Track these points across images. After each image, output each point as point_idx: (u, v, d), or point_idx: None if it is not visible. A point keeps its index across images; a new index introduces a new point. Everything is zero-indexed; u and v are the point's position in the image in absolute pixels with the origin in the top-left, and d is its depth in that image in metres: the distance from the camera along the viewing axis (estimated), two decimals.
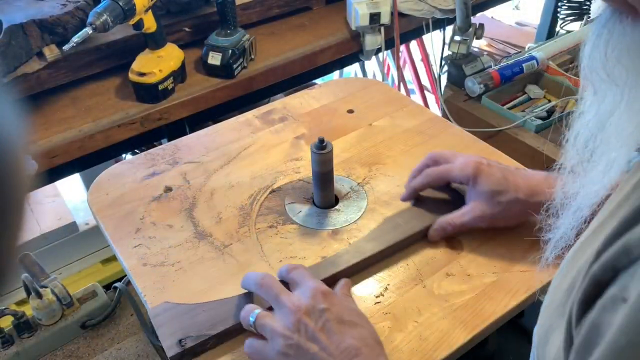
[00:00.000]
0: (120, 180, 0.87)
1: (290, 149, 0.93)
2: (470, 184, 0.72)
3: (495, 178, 0.70)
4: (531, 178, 0.70)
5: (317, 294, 0.58)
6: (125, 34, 1.22)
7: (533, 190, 0.68)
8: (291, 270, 0.63)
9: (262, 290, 0.61)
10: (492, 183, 0.70)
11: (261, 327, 0.58)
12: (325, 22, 1.47)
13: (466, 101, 1.51)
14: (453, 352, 0.62)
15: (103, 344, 0.84)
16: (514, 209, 0.70)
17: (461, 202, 0.75)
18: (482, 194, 0.71)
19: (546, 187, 0.65)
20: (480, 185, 0.71)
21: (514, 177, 0.71)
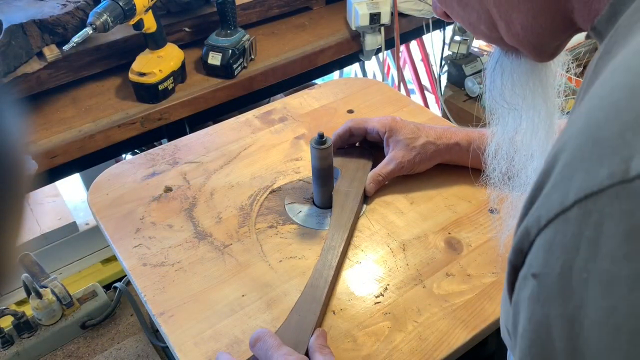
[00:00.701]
0: (120, 181, 0.87)
1: (290, 149, 0.93)
2: (387, 135, 0.84)
3: (408, 128, 0.83)
4: (436, 128, 0.85)
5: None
6: (125, 34, 1.22)
7: (439, 136, 0.83)
8: (255, 344, 0.59)
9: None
10: (407, 132, 0.83)
11: None
12: (325, 22, 1.47)
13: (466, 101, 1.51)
14: (453, 352, 0.62)
15: (103, 344, 0.84)
16: (428, 151, 0.82)
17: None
18: (399, 142, 0.83)
19: (447, 134, 0.83)
20: (397, 134, 0.83)
21: (423, 127, 0.84)
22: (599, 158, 0.26)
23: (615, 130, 0.26)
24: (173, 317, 0.66)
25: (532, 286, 0.29)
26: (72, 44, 1.00)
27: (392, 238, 0.76)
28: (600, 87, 0.29)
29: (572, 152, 0.28)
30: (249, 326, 0.65)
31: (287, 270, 0.72)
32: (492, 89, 0.53)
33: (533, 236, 0.29)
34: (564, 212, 0.27)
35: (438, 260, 0.72)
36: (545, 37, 0.42)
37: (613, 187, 0.25)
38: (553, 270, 0.27)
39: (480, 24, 0.44)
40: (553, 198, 0.28)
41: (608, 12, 0.35)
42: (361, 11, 1.34)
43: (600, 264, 0.25)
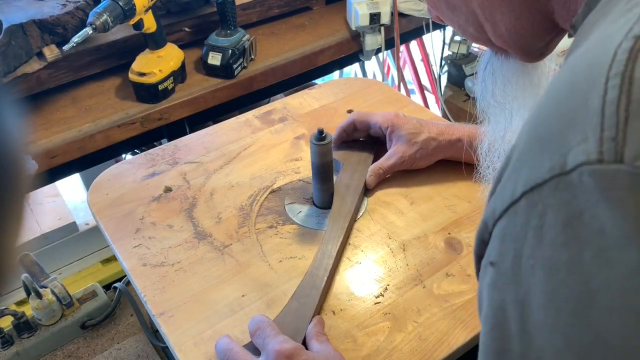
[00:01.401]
0: (120, 181, 0.87)
1: (290, 149, 0.93)
2: (390, 130, 0.85)
3: (411, 124, 0.84)
4: (438, 124, 0.86)
5: (280, 358, 0.55)
6: (125, 34, 1.22)
7: (441, 132, 0.84)
8: (254, 333, 0.60)
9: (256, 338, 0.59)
10: (409, 127, 0.84)
11: None
12: (325, 22, 1.47)
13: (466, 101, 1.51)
14: (453, 353, 0.62)
15: (103, 344, 0.84)
16: (429, 147, 0.83)
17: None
18: (401, 137, 0.83)
19: (450, 130, 0.84)
20: (399, 130, 0.84)
21: (426, 123, 0.85)
22: (542, 152, 0.28)
23: (557, 127, 0.27)
24: (173, 317, 0.66)
25: (490, 274, 0.31)
26: (72, 44, 1.00)
27: (392, 238, 0.76)
28: (550, 84, 0.31)
29: (522, 148, 0.30)
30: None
31: (287, 270, 0.72)
32: (484, 89, 0.54)
33: (490, 227, 0.31)
34: (514, 204, 0.29)
35: (438, 260, 0.72)
36: (529, 38, 0.43)
37: (553, 179, 0.26)
38: (507, 258, 0.29)
39: (469, 26, 0.46)
40: (505, 191, 0.30)
41: (583, 11, 0.36)
42: (361, 11, 1.34)
43: (543, 251, 0.27)
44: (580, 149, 0.25)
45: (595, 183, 0.24)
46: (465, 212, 0.79)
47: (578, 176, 0.25)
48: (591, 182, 0.25)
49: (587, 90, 0.27)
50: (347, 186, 0.81)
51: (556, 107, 0.28)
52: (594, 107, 0.26)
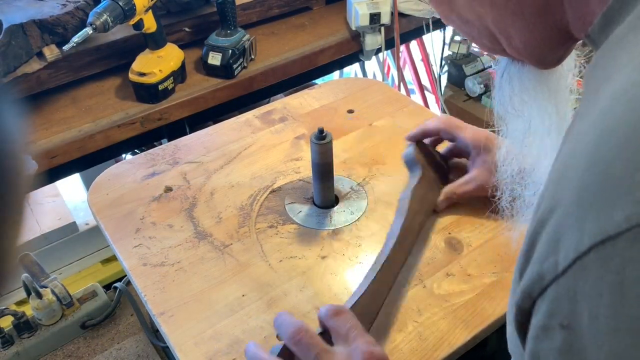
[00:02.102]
0: (120, 181, 0.87)
1: (290, 149, 0.93)
2: (477, 151, 0.77)
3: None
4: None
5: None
6: (125, 34, 1.22)
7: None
8: (334, 316, 0.54)
9: (298, 348, 0.51)
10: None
11: None
12: (325, 22, 1.47)
13: (466, 101, 1.51)
14: (453, 352, 0.62)
15: (103, 344, 0.84)
16: None
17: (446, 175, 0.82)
18: (488, 163, 0.76)
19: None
20: (489, 154, 0.76)
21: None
22: (611, 200, 0.25)
23: (625, 170, 0.25)
24: (173, 317, 0.66)
25: (560, 338, 0.28)
26: (72, 44, 1.00)
27: None
28: (602, 118, 0.28)
29: (580, 192, 0.27)
30: (249, 326, 0.65)
31: (287, 270, 0.72)
32: (501, 96, 0.53)
33: (547, 282, 0.28)
34: (581, 258, 0.26)
35: (438, 260, 0.72)
36: (544, 49, 0.42)
37: (631, 230, 0.24)
38: (581, 319, 0.26)
39: (482, 38, 0.45)
40: (567, 243, 0.27)
41: (600, 22, 0.35)
42: (361, 11, 1.34)
43: (627, 310, 0.24)
44: None
45: None
46: (465, 212, 0.79)
47: None
48: None
49: None
50: (421, 200, 0.76)
51: (623, 146, 0.26)
52: None
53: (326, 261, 0.73)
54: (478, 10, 0.42)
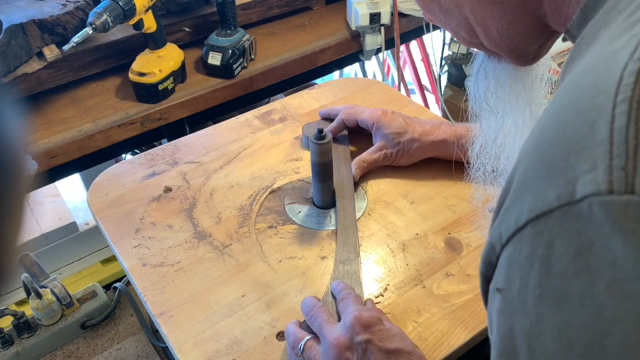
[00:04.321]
0: (120, 181, 0.87)
1: (290, 149, 0.93)
2: (375, 127, 0.87)
3: (397, 123, 0.85)
4: (425, 123, 0.86)
5: (356, 325, 0.55)
6: (125, 34, 1.22)
7: (425, 132, 0.85)
8: (340, 291, 0.64)
9: (309, 320, 0.61)
10: (394, 126, 0.85)
11: (307, 358, 0.58)
12: (325, 22, 1.47)
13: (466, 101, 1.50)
14: (453, 353, 0.62)
15: (103, 344, 0.84)
16: (411, 147, 0.84)
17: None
18: (385, 136, 0.85)
19: (435, 131, 0.84)
20: (384, 128, 0.85)
21: (412, 122, 0.86)
22: (547, 179, 0.27)
23: (562, 152, 0.27)
24: (173, 317, 0.66)
25: (498, 300, 0.31)
26: (72, 44, 1.00)
27: (392, 238, 0.76)
28: (552, 103, 0.30)
29: (525, 171, 0.29)
30: (248, 326, 0.65)
31: (287, 270, 0.72)
32: (476, 92, 0.54)
33: (498, 251, 0.30)
34: (519, 231, 0.28)
35: (438, 260, 0.72)
36: (522, 41, 0.43)
37: (561, 208, 0.26)
38: (513, 285, 0.29)
39: (461, 29, 0.46)
40: (510, 216, 0.29)
41: (578, 17, 0.36)
42: (361, 11, 1.34)
43: (552, 281, 0.26)
44: (589, 177, 0.25)
45: (606, 214, 0.24)
46: (465, 212, 0.79)
47: (588, 207, 0.25)
48: (602, 213, 0.24)
49: (593, 116, 0.26)
50: (340, 180, 0.83)
51: (560, 130, 0.28)
52: (601, 134, 0.25)
53: (326, 261, 0.73)
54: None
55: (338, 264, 0.71)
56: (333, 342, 0.55)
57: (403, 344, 0.55)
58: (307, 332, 0.60)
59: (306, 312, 0.62)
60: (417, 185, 0.84)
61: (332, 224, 0.78)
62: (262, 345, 0.63)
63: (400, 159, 0.85)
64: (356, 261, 0.71)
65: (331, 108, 0.96)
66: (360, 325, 0.55)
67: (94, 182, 0.88)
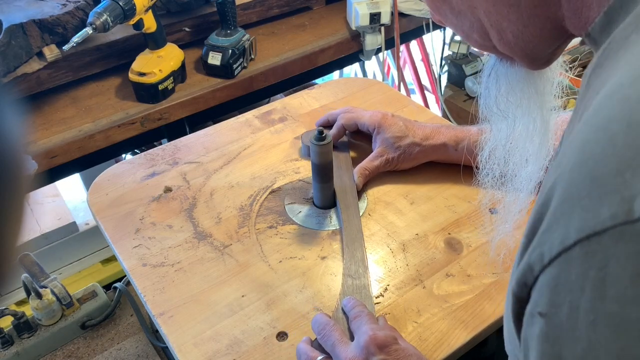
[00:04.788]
0: (120, 181, 0.87)
1: (290, 149, 0.93)
2: (376, 131, 0.86)
3: (397, 127, 0.84)
4: (425, 127, 0.85)
5: (371, 345, 0.54)
6: (125, 34, 1.22)
7: (426, 136, 0.84)
8: (352, 308, 0.62)
9: (322, 339, 0.59)
10: (395, 130, 0.84)
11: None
12: (325, 22, 1.47)
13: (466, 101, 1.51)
14: (453, 353, 0.62)
15: (103, 344, 0.84)
16: (412, 152, 0.84)
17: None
18: (385, 140, 0.84)
19: (435, 135, 0.84)
20: (384, 132, 0.85)
21: (412, 126, 0.85)
22: (598, 196, 0.25)
23: (614, 167, 0.25)
24: (173, 317, 0.66)
25: (540, 325, 0.29)
26: (72, 43, 1.00)
27: (392, 238, 0.76)
28: (595, 115, 0.29)
29: (569, 188, 0.28)
30: (248, 326, 0.65)
31: (287, 270, 0.72)
32: (487, 96, 0.53)
33: (537, 272, 0.29)
34: (567, 251, 0.27)
35: (438, 260, 0.72)
36: (537, 44, 0.42)
37: (616, 227, 0.24)
38: (560, 310, 0.27)
39: (473, 32, 0.44)
40: (554, 235, 0.28)
41: (602, 21, 0.34)
42: (361, 11, 1.34)
43: (607, 306, 0.25)
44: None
45: None
46: (465, 212, 0.79)
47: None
48: None
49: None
50: (343, 190, 0.82)
51: (611, 143, 0.26)
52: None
53: (326, 262, 0.73)
54: (471, 1, 0.42)
55: (347, 278, 0.69)
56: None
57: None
58: (318, 351, 0.59)
59: (318, 331, 0.60)
60: (417, 185, 0.84)
61: (332, 224, 0.78)
62: (262, 345, 0.63)
63: (402, 163, 0.85)
64: (365, 275, 0.69)
65: (329, 113, 0.94)
66: (376, 346, 0.54)
67: (94, 182, 0.88)
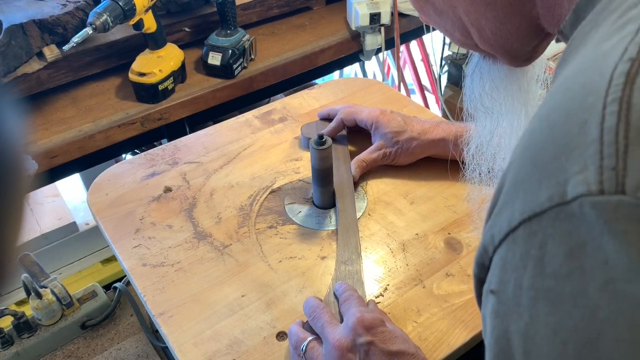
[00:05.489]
0: (120, 181, 0.87)
1: (290, 149, 0.93)
2: (374, 127, 0.87)
3: (395, 122, 0.86)
4: (424, 122, 0.86)
5: (358, 326, 0.55)
6: (125, 34, 1.22)
7: (424, 131, 0.85)
8: (342, 292, 0.63)
9: (312, 321, 0.61)
10: (393, 126, 0.85)
11: (310, 359, 0.58)
12: (325, 22, 1.47)
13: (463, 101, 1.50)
14: (453, 353, 0.62)
15: (103, 344, 0.84)
16: (410, 146, 0.84)
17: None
18: (384, 135, 0.85)
19: (434, 130, 0.84)
20: (382, 128, 0.86)
21: (411, 121, 0.86)
22: (538, 180, 0.27)
23: (552, 153, 0.27)
24: (173, 317, 0.66)
25: (491, 302, 0.31)
26: (72, 44, 1.00)
27: (392, 238, 0.76)
28: (542, 106, 0.30)
29: (516, 173, 0.29)
30: (248, 326, 0.65)
31: (287, 270, 0.72)
32: (471, 93, 0.54)
33: (490, 253, 0.31)
34: (512, 232, 0.28)
35: (438, 260, 0.72)
36: (515, 42, 0.43)
37: (552, 209, 0.26)
38: (507, 287, 0.29)
39: (455, 30, 0.46)
40: (502, 217, 0.29)
41: (571, 18, 0.36)
42: (361, 11, 1.34)
43: (545, 282, 0.26)
44: (580, 178, 0.25)
45: (598, 215, 0.24)
46: (465, 212, 0.79)
47: (579, 207, 0.25)
48: (593, 213, 0.24)
49: (583, 116, 0.26)
50: (340, 181, 0.83)
51: (550, 132, 0.28)
52: (591, 134, 0.25)
53: (326, 261, 0.73)
54: (451, 1, 0.43)
55: (340, 264, 0.71)
56: (335, 343, 0.55)
57: (405, 345, 0.55)
58: (309, 332, 0.60)
59: (309, 313, 0.61)
60: (417, 185, 0.84)
61: (332, 224, 0.78)
62: (262, 345, 0.63)
63: (400, 158, 0.86)
64: (358, 261, 0.71)
65: (330, 108, 0.96)
66: (363, 327, 0.55)
67: (94, 182, 0.88)
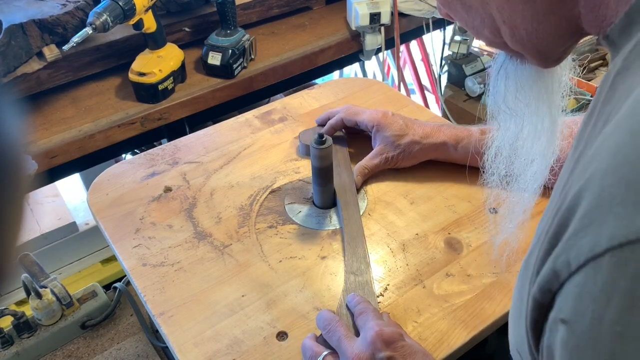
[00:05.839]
0: (120, 181, 0.87)
1: (290, 149, 0.93)
2: (375, 129, 0.86)
3: (397, 125, 0.84)
4: (426, 126, 0.85)
5: (377, 341, 0.54)
6: (125, 34, 1.22)
7: (426, 134, 0.84)
8: (357, 304, 0.62)
9: (327, 334, 0.59)
10: (395, 129, 0.84)
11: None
12: (325, 22, 1.47)
13: (466, 101, 1.51)
14: (453, 353, 0.62)
15: (103, 344, 0.84)
16: (412, 150, 0.84)
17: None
18: (385, 138, 0.84)
19: (435, 133, 0.84)
20: (384, 130, 0.85)
21: (412, 124, 0.85)
22: (633, 204, 0.24)
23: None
24: (173, 317, 0.66)
25: (562, 332, 0.28)
26: (71, 44, 1.00)
27: (392, 238, 0.76)
28: (628, 118, 0.27)
29: (601, 193, 0.26)
30: (248, 326, 0.65)
31: (287, 270, 0.72)
32: (495, 94, 0.52)
33: (563, 279, 0.28)
34: (595, 259, 0.26)
35: (438, 260, 0.72)
36: (550, 42, 0.41)
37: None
38: (583, 318, 0.26)
39: (484, 28, 0.43)
40: (582, 242, 0.27)
41: (622, 22, 0.33)
42: (361, 11, 1.34)
43: (638, 318, 0.24)
44: None
45: None
46: (465, 212, 0.79)
47: None
48: None
49: None
50: (343, 188, 0.82)
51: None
52: None
53: (326, 261, 0.73)
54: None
55: (349, 275, 0.69)
56: (354, 358, 0.54)
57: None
58: (324, 346, 0.59)
59: (323, 326, 0.60)
60: (417, 185, 0.84)
61: (332, 224, 0.78)
62: (262, 345, 0.63)
63: (401, 161, 0.85)
64: (367, 271, 0.70)
65: (329, 112, 0.94)
66: (382, 342, 0.54)
67: (94, 182, 0.88)
